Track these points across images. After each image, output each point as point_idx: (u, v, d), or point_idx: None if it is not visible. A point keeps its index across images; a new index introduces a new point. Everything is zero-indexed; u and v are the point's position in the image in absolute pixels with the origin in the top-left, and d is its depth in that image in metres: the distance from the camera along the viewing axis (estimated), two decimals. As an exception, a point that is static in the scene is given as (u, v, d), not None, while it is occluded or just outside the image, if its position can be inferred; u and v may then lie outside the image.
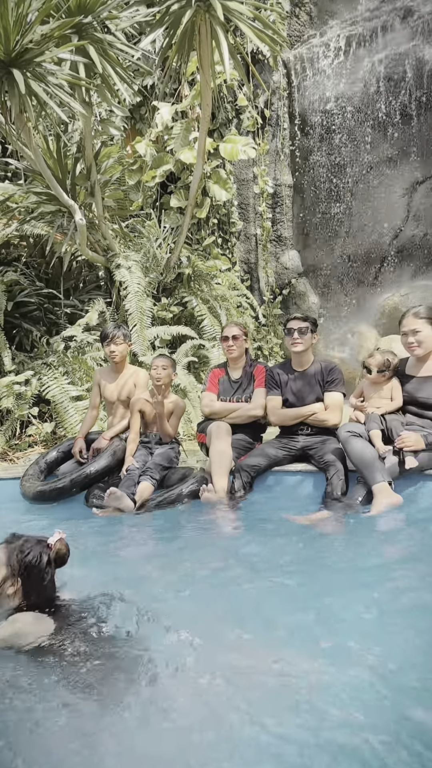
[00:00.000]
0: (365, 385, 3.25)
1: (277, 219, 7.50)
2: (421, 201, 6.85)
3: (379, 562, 2.32)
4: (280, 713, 1.32)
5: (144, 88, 6.77)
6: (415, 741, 1.23)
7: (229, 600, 1.99)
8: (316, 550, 2.45)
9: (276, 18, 5.50)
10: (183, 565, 2.35)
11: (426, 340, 2.97)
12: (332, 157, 7.21)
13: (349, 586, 2.05)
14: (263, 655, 1.57)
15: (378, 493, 2.74)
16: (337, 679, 1.44)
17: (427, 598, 1.93)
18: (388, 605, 1.87)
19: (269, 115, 7.24)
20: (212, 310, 6.12)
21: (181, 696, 1.42)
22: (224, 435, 3.31)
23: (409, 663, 1.54)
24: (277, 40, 4.45)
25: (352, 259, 7.39)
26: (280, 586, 2.07)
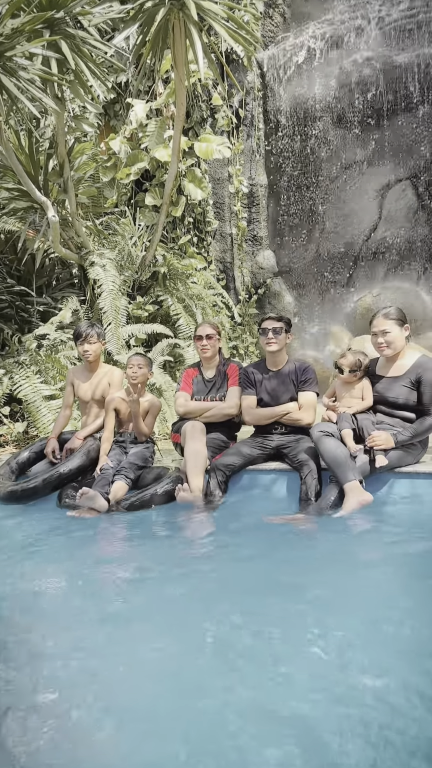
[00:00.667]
0: (337, 385, 3.30)
1: (252, 219, 7.55)
2: (393, 203, 6.99)
3: (351, 560, 2.36)
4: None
5: (118, 85, 6.72)
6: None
7: (193, 604, 1.98)
8: (290, 550, 2.48)
9: (250, 18, 5.53)
10: (151, 567, 2.34)
11: (395, 340, 3.04)
12: (306, 158, 7.30)
13: (321, 584, 2.09)
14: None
15: (349, 491, 2.79)
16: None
17: (395, 594, 1.98)
18: (360, 605, 1.90)
19: (244, 115, 7.28)
20: (188, 309, 6.12)
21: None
22: (199, 434, 3.32)
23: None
24: (251, 40, 4.47)
25: (326, 260, 7.49)
26: (251, 588, 2.07)
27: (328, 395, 3.35)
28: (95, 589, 2.15)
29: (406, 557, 2.30)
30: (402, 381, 3.05)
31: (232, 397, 3.50)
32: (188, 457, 3.24)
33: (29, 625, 1.86)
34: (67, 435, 3.70)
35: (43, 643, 1.74)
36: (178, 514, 2.96)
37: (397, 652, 1.60)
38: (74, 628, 1.82)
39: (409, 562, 2.27)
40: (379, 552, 2.42)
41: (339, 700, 1.38)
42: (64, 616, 1.93)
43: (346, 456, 2.90)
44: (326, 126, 7.07)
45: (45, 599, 2.07)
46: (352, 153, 7.07)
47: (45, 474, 3.30)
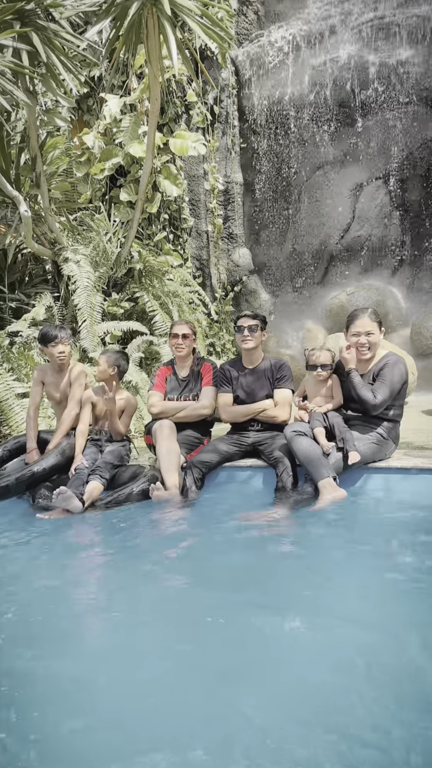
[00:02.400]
0: (308, 384, 3.33)
1: (228, 216, 7.56)
2: (366, 203, 7.11)
3: (326, 554, 2.39)
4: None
5: (91, 80, 6.64)
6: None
7: (165, 604, 1.98)
8: (266, 546, 2.50)
9: (224, 16, 5.54)
10: (125, 568, 2.33)
11: (375, 344, 3.09)
12: (281, 156, 7.35)
13: (295, 578, 2.12)
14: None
15: (323, 488, 2.84)
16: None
17: (370, 585, 2.02)
18: (333, 599, 1.94)
19: (219, 112, 7.29)
20: (164, 306, 6.10)
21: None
22: (168, 433, 3.32)
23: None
24: (225, 37, 4.48)
25: (301, 257, 7.57)
26: (226, 589, 2.08)
27: (299, 394, 3.37)
28: (67, 591, 2.14)
29: (371, 553, 2.34)
30: (367, 378, 3.12)
31: (207, 397, 3.50)
32: (161, 456, 3.25)
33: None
34: (45, 434, 3.65)
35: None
36: (153, 513, 2.96)
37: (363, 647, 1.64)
38: (40, 634, 1.80)
39: (375, 557, 2.30)
40: (349, 547, 2.46)
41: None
42: (31, 617, 1.91)
43: (318, 454, 2.95)
44: (300, 124, 7.14)
45: (11, 603, 2.03)
46: (326, 152, 7.15)
47: (18, 473, 3.25)
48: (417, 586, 1.98)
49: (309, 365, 3.23)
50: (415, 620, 1.75)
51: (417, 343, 6.56)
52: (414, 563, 2.17)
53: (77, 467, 3.26)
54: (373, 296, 6.87)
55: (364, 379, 3.11)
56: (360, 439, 3.05)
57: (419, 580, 2.02)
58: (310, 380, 3.29)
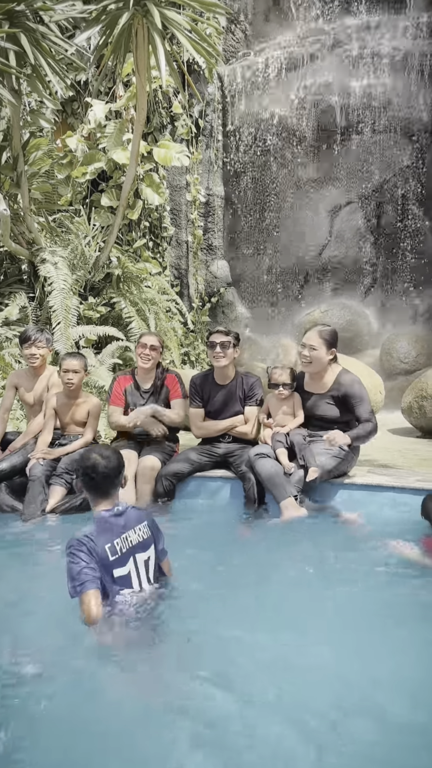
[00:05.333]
0: (271, 401, 3.37)
1: (208, 228, 7.64)
2: (343, 224, 7.30)
3: (285, 567, 2.42)
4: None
5: (77, 84, 6.64)
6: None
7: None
8: (230, 557, 2.52)
9: (212, 32, 5.65)
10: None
11: (317, 359, 3.13)
12: (262, 173, 7.50)
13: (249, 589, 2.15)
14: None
15: (284, 508, 2.91)
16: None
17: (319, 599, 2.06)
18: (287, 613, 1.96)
19: (203, 125, 7.39)
20: (141, 312, 6.09)
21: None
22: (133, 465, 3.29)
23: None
24: (213, 53, 4.57)
25: (278, 273, 7.70)
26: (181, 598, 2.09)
27: (264, 411, 3.40)
28: (20, 595, 2.10)
29: (326, 567, 2.38)
30: (326, 398, 3.18)
31: (179, 409, 3.48)
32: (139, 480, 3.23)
33: None
34: (12, 435, 3.59)
35: None
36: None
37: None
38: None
39: (328, 573, 2.34)
40: (301, 562, 2.50)
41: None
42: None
43: (280, 475, 2.99)
44: (282, 144, 7.31)
45: None
46: (306, 172, 7.33)
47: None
48: (373, 599, 2.03)
49: (270, 383, 3.27)
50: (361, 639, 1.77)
51: (386, 363, 6.74)
52: (372, 578, 2.22)
53: (31, 474, 3.20)
54: (346, 315, 7.03)
55: (323, 398, 3.17)
56: (322, 454, 3.10)
57: (374, 592, 2.07)
58: (272, 398, 3.33)
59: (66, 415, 3.44)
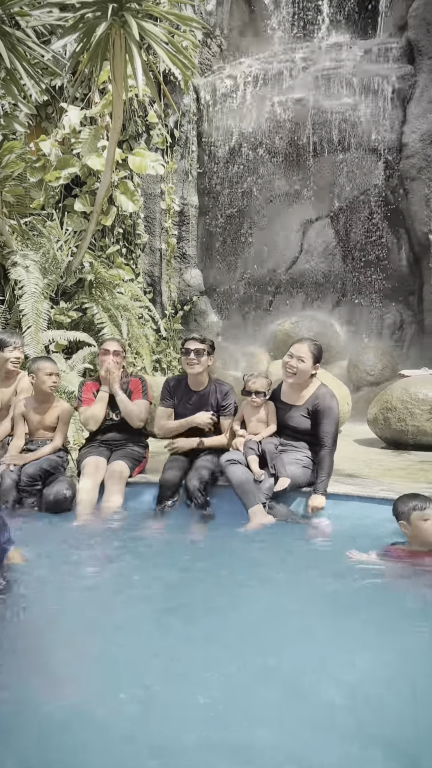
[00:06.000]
0: (245, 409, 3.40)
1: (182, 236, 7.69)
2: (313, 239, 7.49)
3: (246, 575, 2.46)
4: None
5: (53, 88, 6.61)
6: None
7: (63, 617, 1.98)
8: (192, 563, 2.55)
9: (189, 45, 5.73)
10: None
11: (303, 371, 3.16)
12: (236, 185, 7.62)
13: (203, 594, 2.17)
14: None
15: (252, 515, 2.94)
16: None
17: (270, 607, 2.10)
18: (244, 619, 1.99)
19: (179, 135, 7.46)
20: (113, 318, 6.06)
21: None
22: (93, 470, 3.28)
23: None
24: (189, 66, 4.64)
25: (250, 284, 7.81)
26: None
27: (238, 419, 3.43)
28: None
29: (290, 574, 2.42)
30: (301, 410, 3.23)
31: (143, 410, 3.49)
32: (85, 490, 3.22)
33: None
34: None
35: None
36: (64, 524, 2.94)
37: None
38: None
39: (294, 579, 2.39)
40: (264, 569, 2.54)
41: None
42: None
43: (250, 482, 3.03)
44: (255, 157, 7.45)
45: None
46: (279, 186, 7.49)
47: None
48: (331, 608, 2.08)
49: (244, 390, 3.30)
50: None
51: (353, 375, 6.91)
52: (331, 585, 2.28)
53: (3, 477, 3.15)
54: (315, 327, 7.18)
55: (301, 408, 3.22)
56: (292, 463, 3.16)
57: (332, 599, 2.13)
58: (247, 405, 3.37)
59: (35, 421, 3.40)
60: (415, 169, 6.67)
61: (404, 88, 6.90)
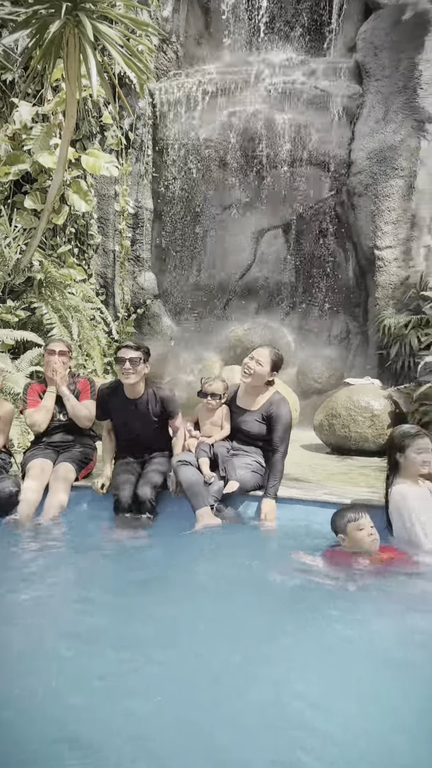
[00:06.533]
0: (200, 412, 3.44)
1: (136, 239, 7.65)
2: (266, 248, 7.64)
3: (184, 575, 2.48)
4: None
5: (3, 83, 6.42)
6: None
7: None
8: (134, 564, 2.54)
9: (144, 49, 5.73)
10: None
11: (259, 375, 3.24)
12: (191, 191, 7.66)
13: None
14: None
15: (200, 516, 2.97)
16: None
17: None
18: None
19: (134, 138, 7.43)
20: (63, 319, 5.94)
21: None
22: (38, 472, 3.23)
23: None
24: (144, 70, 4.64)
25: (204, 290, 7.86)
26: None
27: (191, 420, 3.47)
28: None
29: (238, 575, 2.47)
30: (255, 415, 3.30)
31: (91, 410, 3.45)
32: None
33: None
34: None
35: None
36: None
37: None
38: None
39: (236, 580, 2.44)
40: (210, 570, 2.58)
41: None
42: None
43: (200, 484, 3.06)
44: (211, 165, 7.52)
45: None
46: (233, 195, 7.60)
47: None
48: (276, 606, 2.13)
49: (200, 392, 3.34)
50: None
51: (302, 382, 7.10)
52: (273, 586, 2.34)
53: None
54: (267, 334, 7.33)
55: (253, 415, 3.29)
56: (242, 468, 3.22)
57: (273, 600, 2.18)
58: (202, 407, 3.40)
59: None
60: (362, 185, 6.96)
61: (352, 107, 7.19)
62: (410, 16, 6.97)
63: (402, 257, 6.77)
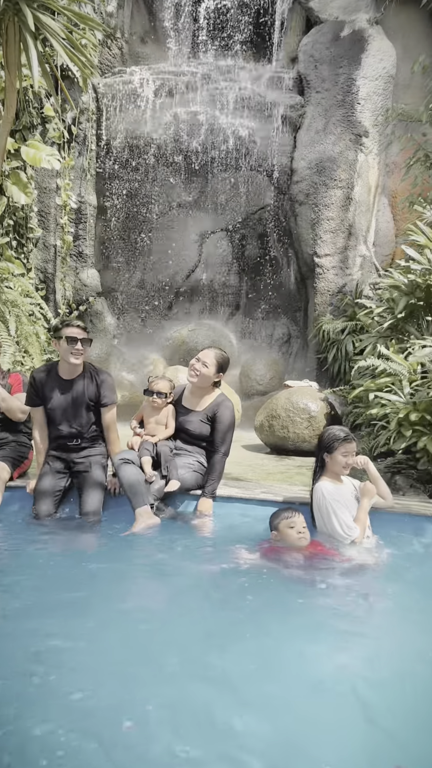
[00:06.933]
0: (145, 410, 3.44)
1: (79, 235, 7.48)
2: (211, 250, 7.72)
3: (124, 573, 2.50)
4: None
5: None
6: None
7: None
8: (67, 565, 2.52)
9: (88, 43, 5.62)
10: None
11: (205, 377, 3.29)
12: (136, 189, 7.60)
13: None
14: None
15: (139, 515, 2.98)
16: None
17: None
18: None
19: (77, 132, 7.27)
20: (0, 315, 5.71)
21: None
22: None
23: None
24: (87, 64, 4.56)
25: (149, 289, 7.82)
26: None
27: (136, 419, 3.47)
28: None
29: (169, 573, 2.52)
30: (200, 416, 3.36)
31: (24, 401, 3.33)
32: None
33: None
34: None
35: None
36: None
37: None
38: None
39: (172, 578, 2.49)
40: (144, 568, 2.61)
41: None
42: None
43: (141, 483, 3.06)
44: (155, 164, 7.50)
45: None
46: (178, 195, 7.62)
47: None
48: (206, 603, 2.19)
49: (146, 390, 3.35)
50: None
51: (244, 384, 7.24)
52: (211, 581, 2.40)
53: None
54: (211, 335, 7.42)
55: (200, 414, 3.34)
56: (184, 467, 3.25)
57: (210, 593, 2.25)
58: (147, 405, 3.41)
59: None
60: (303, 194, 7.19)
61: (294, 117, 7.42)
62: (348, 33, 7.29)
63: (339, 265, 7.07)
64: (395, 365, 4.20)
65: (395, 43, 7.34)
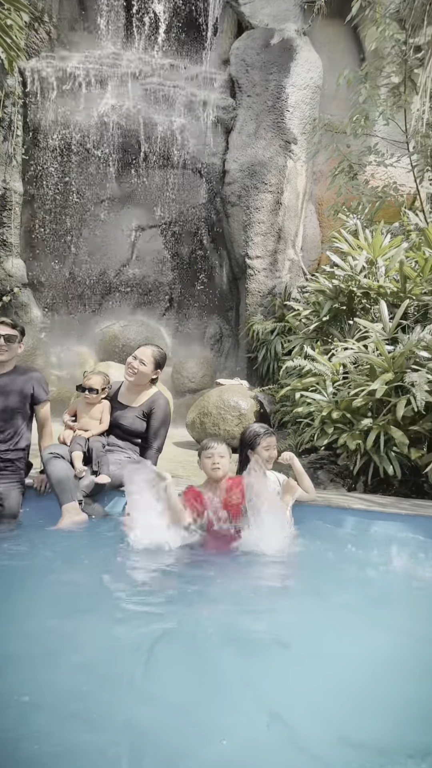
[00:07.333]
0: (79, 405, 3.39)
1: (3, 222, 7.11)
2: (143, 246, 7.65)
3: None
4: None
5: None
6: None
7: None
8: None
9: (14, 24, 5.34)
10: None
11: (142, 374, 3.29)
12: (65, 180, 7.35)
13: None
14: None
15: (66, 511, 2.94)
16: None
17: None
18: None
19: (1, 116, 6.90)
20: None
21: None
22: None
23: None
24: (12, 46, 4.35)
25: (79, 283, 7.61)
26: None
27: (70, 413, 3.40)
28: None
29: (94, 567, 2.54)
30: (136, 411, 3.36)
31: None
32: None
33: None
34: None
35: None
36: None
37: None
38: None
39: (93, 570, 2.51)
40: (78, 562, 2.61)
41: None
42: None
43: (69, 478, 3.02)
44: (86, 156, 7.30)
45: None
46: (110, 188, 7.47)
47: None
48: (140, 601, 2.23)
49: (79, 386, 3.30)
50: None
51: (177, 381, 7.28)
52: (140, 574, 2.45)
53: None
54: (144, 332, 7.37)
55: (134, 411, 3.33)
56: (115, 464, 3.24)
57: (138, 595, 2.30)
58: (81, 401, 3.36)
59: None
60: (235, 195, 7.33)
61: (227, 119, 7.53)
62: (278, 41, 7.52)
63: (270, 268, 7.30)
64: (320, 366, 4.43)
65: (322, 55, 7.67)
